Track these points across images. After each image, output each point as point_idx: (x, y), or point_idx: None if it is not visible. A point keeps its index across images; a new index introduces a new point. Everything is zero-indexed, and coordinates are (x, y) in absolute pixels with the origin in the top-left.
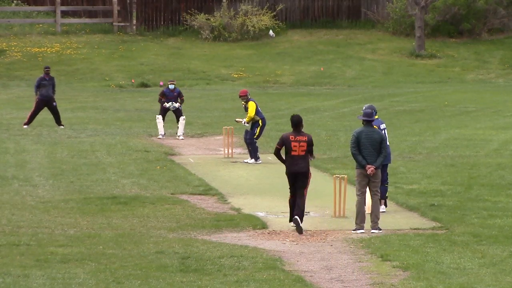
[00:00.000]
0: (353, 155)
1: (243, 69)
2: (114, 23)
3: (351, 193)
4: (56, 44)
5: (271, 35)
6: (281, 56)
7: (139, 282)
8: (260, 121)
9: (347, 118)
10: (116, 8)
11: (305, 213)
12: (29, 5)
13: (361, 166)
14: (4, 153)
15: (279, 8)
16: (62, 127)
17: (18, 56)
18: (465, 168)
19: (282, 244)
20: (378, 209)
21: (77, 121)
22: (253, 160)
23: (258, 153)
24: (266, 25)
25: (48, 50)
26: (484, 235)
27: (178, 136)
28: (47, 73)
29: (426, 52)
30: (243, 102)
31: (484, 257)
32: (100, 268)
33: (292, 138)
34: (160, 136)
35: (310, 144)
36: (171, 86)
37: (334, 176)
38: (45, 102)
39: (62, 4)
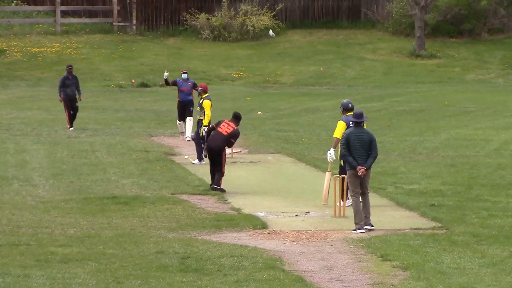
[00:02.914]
0: (344, 156)
1: (243, 69)
2: (114, 23)
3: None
4: (56, 44)
5: (271, 35)
6: (281, 56)
7: (139, 282)
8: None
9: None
10: (116, 8)
11: (305, 213)
12: (29, 5)
13: (352, 167)
14: (4, 153)
15: (279, 8)
16: (71, 129)
17: (18, 56)
18: (465, 168)
19: (282, 244)
20: (369, 206)
21: (77, 121)
22: (196, 161)
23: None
24: (266, 25)
25: (48, 50)
26: (484, 235)
27: (186, 137)
28: (69, 71)
29: (426, 52)
30: (201, 98)
31: (484, 257)
32: (100, 268)
33: (226, 121)
34: (188, 139)
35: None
36: (184, 76)
37: (334, 176)
38: (70, 100)
39: (62, 4)
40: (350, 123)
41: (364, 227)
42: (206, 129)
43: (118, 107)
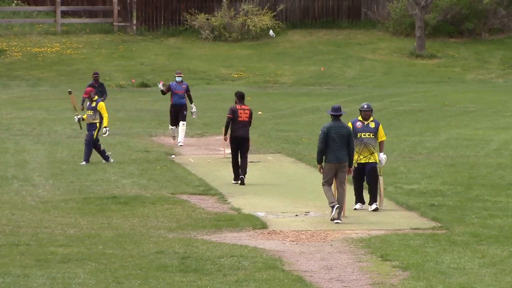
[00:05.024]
0: (319, 150)
1: (243, 69)
2: (114, 23)
3: (351, 193)
4: (56, 44)
5: (271, 35)
6: (281, 56)
7: (139, 282)
8: (98, 123)
9: (347, 118)
10: (116, 8)
11: (305, 213)
12: (29, 5)
13: (317, 161)
14: (4, 153)
15: (280, 8)
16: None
17: (18, 56)
18: (465, 168)
19: (282, 244)
20: (344, 199)
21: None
22: (105, 161)
23: (106, 153)
24: (266, 25)
25: (48, 50)
26: (484, 235)
27: (178, 142)
28: (96, 79)
29: (426, 52)
30: (91, 102)
31: (484, 257)
32: (100, 268)
33: (238, 107)
34: (180, 143)
35: (251, 114)
36: (178, 79)
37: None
38: None
39: (62, 4)
40: (357, 124)
41: (336, 219)
42: (106, 130)
43: (118, 107)
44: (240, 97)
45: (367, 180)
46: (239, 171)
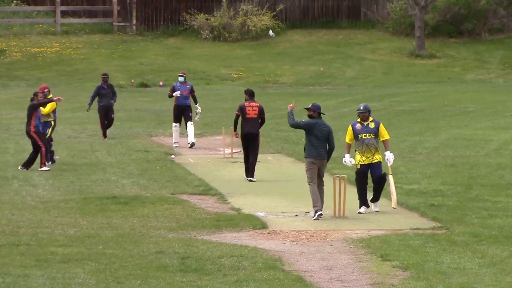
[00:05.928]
0: (296, 123)
1: (243, 69)
2: (114, 23)
3: (351, 193)
4: (56, 44)
5: (271, 35)
6: (281, 56)
7: (139, 282)
8: (52, 122)
9: (347, 118)
10: (116, 8)
11: (305, 213)
12: (29, 5)
13: (288, 115)
14: (4, 153)
15: (279, 8)
16: (104, 139)
17: (18, 56)
18: (465, 168)
19: (282, 244)
20: (323, 194)
21: (77, 121)
22: (50, 163)
23: (54, 156)
24: (266, 25)
25: (48, 50)
26: (484, 235)
27: (189, 142)
28: (104, 80)
29: (426, 52)
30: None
31: (484, 257)
32: (100, 268)
33: (247, 104)
34: (175, 145)
35: (261, 111)
36: (181, 79)
37: (334, 176)
38: (106, 110)
39: (62, 4)
40: (357, 125)
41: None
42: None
43: (118, 107)
44: (250, 94)
45: (373, 182)
46: (249, 166)
